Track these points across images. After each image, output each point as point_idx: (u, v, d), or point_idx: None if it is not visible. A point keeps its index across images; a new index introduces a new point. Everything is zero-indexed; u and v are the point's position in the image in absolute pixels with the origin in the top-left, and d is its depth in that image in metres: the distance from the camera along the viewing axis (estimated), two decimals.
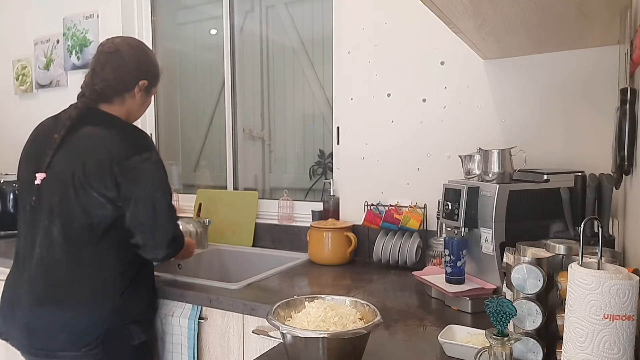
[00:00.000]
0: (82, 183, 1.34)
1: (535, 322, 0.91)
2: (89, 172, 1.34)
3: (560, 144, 1.63)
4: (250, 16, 2.48)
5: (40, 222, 1.39)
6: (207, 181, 2.66)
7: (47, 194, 1.38)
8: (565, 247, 0.94)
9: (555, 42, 1.48)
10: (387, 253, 1.82)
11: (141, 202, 1.36)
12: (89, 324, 1.34)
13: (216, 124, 2.59)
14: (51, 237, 1.37)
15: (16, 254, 1.47)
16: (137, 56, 1.51)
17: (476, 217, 1.36)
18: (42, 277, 1.37)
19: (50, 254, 1.37)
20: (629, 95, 1.04)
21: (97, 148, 1.37)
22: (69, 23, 2.75)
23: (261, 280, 1.66)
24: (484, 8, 1.09)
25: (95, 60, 1.49)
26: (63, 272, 1.36)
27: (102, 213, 1.35)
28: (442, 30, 1.34)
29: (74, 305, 1.35)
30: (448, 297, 1.38)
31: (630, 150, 1.06)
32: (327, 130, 2.27)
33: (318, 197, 2.31)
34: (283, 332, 0.94)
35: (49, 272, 1.37)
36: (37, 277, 1.37)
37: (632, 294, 0.72)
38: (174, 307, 1.57)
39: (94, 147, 1.38)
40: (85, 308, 1.35)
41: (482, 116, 1.76)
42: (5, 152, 3.01)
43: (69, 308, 1.34)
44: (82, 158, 1.36)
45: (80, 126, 1.41)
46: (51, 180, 1.38)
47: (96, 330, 1.34)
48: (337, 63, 2.09)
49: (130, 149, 1.37)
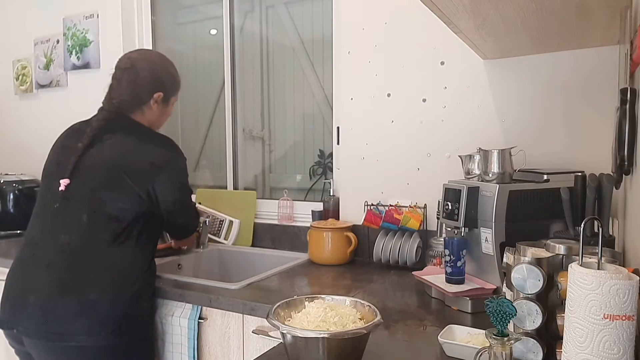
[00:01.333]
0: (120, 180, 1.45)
1: (535, 322, 0.91)
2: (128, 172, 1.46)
3: (560, 144, 1.63)
4: (250, 16, 2.48)
5: (68, 210, 1.46)
6: (207, 181, 2.66)
7: (78, 187, 1.47)
8: (565, 247, 0.94)
9: (555, 42, 1.48)
10: (387, 253, 1.82)
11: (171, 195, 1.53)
12: (109, 310, 1.40)
13: (216, 124, 2.59)
14: (80, 224, 1.43)
15: (26, 244, 1.51)
16: (151, 70, 1.62)
17: (476, 217, 1.36)
18: (67, 262, 1.41)
19: (76, 241, 1.42)
20: (629, 95, 1.04)
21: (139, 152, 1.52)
22: (69, 23, 2.75)
23: (261, 280, 1.67)
24: (484, 8, 1.09)
25: (113, 76, 1.62)
26: (89, 258, 1.42)
27: (130, 206, 1.46)
28: (442, 30, 1.34)
29: (97, 291, 1.39)
30: (448, 297, 1.38)
31: (630, 150, 1.06)
32: (327, 130, 2.27)
33: (318, 197, 2.31)
34: (283, 332, 0.94)
35: (76, 257, 1.41)
36: (60, 262, 1.41)
37: (632, 294, 0.72)
38: (174, 307, 1.57)
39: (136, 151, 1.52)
40: (107, 294, 1.40)
41: (482, 116, 1.76)
42: (6, 152, 3.02)
43: (92, 293, 1.39)
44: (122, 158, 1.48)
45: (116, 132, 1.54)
46: (85, 175, 1.48)
47: (115, 316, 1.40)
48: (337, 63, 2.09)
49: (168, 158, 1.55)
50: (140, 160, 1.50)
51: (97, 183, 1.46)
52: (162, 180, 1.50)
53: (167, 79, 1.66)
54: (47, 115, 2.86)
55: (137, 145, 1.53)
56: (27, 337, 1.41)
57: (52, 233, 1.46)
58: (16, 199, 2.49)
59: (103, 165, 1.48)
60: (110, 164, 1.48)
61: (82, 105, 2.55)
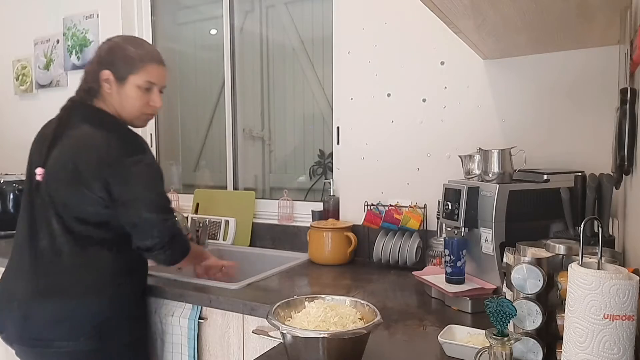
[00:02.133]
0: (75, 180, 1.37)
1: (535, 322, 0.91)
2: (81, 171, 1.37)
3: (560, 144, 1.63)
4: (250, 16, 2.48)
5: (41, 215, 1.42)
6: (207, 181, 2.66)
7: (46, 188, 1.41)
8: (565, 247, 0.94)
9: (555, 42, 1.48)
10: (387, 253, 1.81)
11: (131, 204, 1.38)
12: (88, 314, 1.37)
13: (216, 124, 2.59)
14: (51, 229, 1.40)
15: (14, 247, 1.49)
16: (106, 49, 1.49)
17: (476, 217, 1.36)
18: (45, 267, 1.39)
19: (52, 245, 1.39)
20: (629, 95, 1.04)
21: (90, 148, 1.39)
22: (69, 23, 2.75)
23: (261, 280, 1.66)
24: (484, 8, 1.09)
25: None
26: (65, 262, 1.39)
27: (94, 210, 1.38)
28: (442, 30, 1.34)
29: (75, 295, 1.37)
30: (448, 297, 1.37)
31: (630, 150, 1.06)
32: (327, 130, 2.27)
33: (318, 197, 2.31)
34: (283, 332, 0.94)
35: (52, 262, 1.39)
36: (39, 267, 1.39)
37: (632, 294, 0.72)
38: (174, 307, 1.57)
39: (87, 147, 1.39)
40: (86, 298, 1.38)
41: (482, 116, 1.76)
42: (5, 152, 3.02)
43: (71, 298, 1.37)
44: (75, 156, 1.39)
45: (76, 123, 1.44)
46: (49, 174, 1.41)
47: (94, 320, 1.37)
48: (337, 63, 2.09)
49: (121, 152, 1.38)
50: (92, 156, 1.37)
51: (58, 185, 1.40)
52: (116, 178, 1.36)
53: (118, 56, 1.46)
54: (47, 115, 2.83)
55: (90, 139, 1.40)
56: (11, 343, 1.41)
57: (30, 237, 1.43)
58: (16, 199, 2.49)
59: (62, 164, 1.39)
60: (65, 161, 1.39)
61: None
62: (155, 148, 2.68)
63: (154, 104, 1.51)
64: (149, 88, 1.49)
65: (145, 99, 1.49)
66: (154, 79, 1.49)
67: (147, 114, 1.53)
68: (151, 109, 1.52)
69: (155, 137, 2.68)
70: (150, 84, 1.49)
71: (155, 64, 1.50)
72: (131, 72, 1.46)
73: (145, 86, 1.48)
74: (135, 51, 1.47)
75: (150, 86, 1.49)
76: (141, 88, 1.47)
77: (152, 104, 1.51)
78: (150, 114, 1.55)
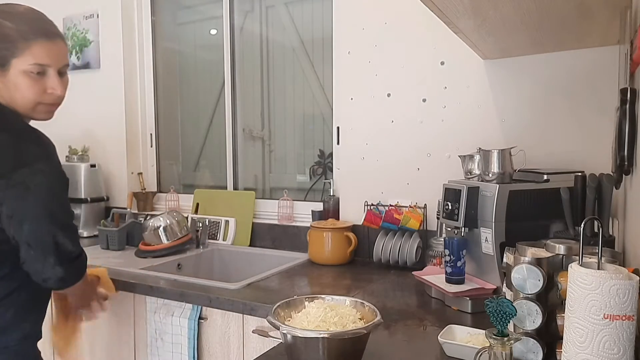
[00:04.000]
0: None
1: (535, 322, 0.91)
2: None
3: (560, 144, 1.63)
4: (250, 16, 2.48)
5: None
6: (207, 181, 2.66)
7: None
8: (565, 247, 0.94)
9: (555, 42, 1.48)
10: (387, 253, 1.81)
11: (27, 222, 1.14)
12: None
13: (216, 124, 2.59)
14: None
15: None
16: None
17: (476, 217, 1.36)
18: None
19: None
20: (629, 95, 1.04)
21: None
22: (69, 23, 2.75)
23: (261, 280, 1.66)
24: (484, 8, 1.09)
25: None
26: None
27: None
28: (442, 30, 1.34)
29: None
30: (448, 297, 1.37)
31: (630, 150, 1.06)
32: (327, 130, 2.27)
33: (318, 197, 2.31)
34: (283, 332, 0.94)
35: None
36: None
37: (632, 294, 0.72)
38: (174, 307, 1.57)
39: None
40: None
41: (482, 116, 1.76)
42: None
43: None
44: None
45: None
46: None
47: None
48: (337, 63, 2.09)
49: (17, 159, 1.13)
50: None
51: None
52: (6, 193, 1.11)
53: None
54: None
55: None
56: None
57: None
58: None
59: None
60: None
61: (82, 105, 2.56)
62: (155, 148, 2.69)
63: (52, 90, 1.21)
64: (42, 72, 1.19)
65: (39, 87, 1.19)
66: (45, 60, 1.18)
67: (47, 104, 1.23)
68: (51, 97, 1.22)
69: (155, 137, 2.68)
70: (41, 67, 1.18)
71: (43, 40, 1.18)
72: (13, 55, 1.16)
73: (36, 70, 1.17)
74: (13, 27, 1.15)
75: (43, 69, 1.19)
76: (30, 74, 1.17)
77: (50, 91, 1.21)
78: (52, 104, 1.24)
